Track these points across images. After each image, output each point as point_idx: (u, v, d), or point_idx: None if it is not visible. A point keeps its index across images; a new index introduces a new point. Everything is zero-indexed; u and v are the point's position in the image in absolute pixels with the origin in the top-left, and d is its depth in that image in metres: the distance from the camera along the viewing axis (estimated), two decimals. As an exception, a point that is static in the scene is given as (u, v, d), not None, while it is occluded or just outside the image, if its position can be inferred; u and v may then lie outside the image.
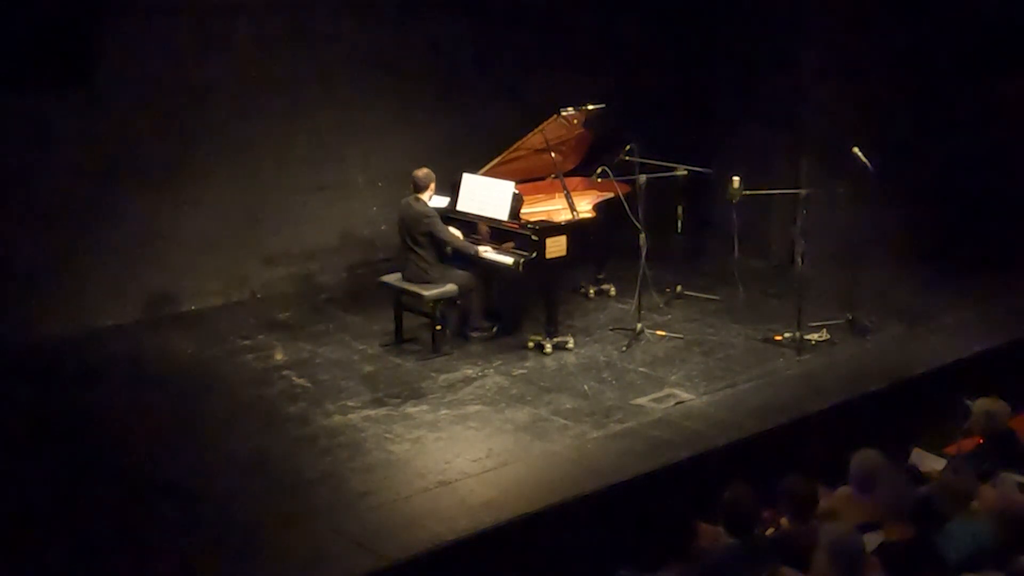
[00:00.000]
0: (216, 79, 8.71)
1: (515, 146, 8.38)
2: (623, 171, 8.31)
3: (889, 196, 8.72)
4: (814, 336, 8.02)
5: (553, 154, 8.34)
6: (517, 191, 8.01)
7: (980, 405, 5.81)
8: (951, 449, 6.08)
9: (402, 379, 7.51)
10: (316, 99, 9.22)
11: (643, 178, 8.11)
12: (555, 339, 7.96)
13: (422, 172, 7.94)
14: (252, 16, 8.82)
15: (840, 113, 9.37)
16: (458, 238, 7.94)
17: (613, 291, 9.17)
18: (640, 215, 8.05)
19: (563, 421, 6.83)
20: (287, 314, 8.81)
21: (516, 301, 8.51)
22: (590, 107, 8.37)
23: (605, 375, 7.56)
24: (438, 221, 7.87)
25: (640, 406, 7.04)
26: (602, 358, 7.85)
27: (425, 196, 7.91)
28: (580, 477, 6.06)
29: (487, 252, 7.95)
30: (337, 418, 6.88)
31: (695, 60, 10.47)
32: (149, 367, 7.76)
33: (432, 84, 9.72)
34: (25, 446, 6.50)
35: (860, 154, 7.99)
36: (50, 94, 7.93)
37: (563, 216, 8.14)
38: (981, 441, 5.84)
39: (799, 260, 8.11)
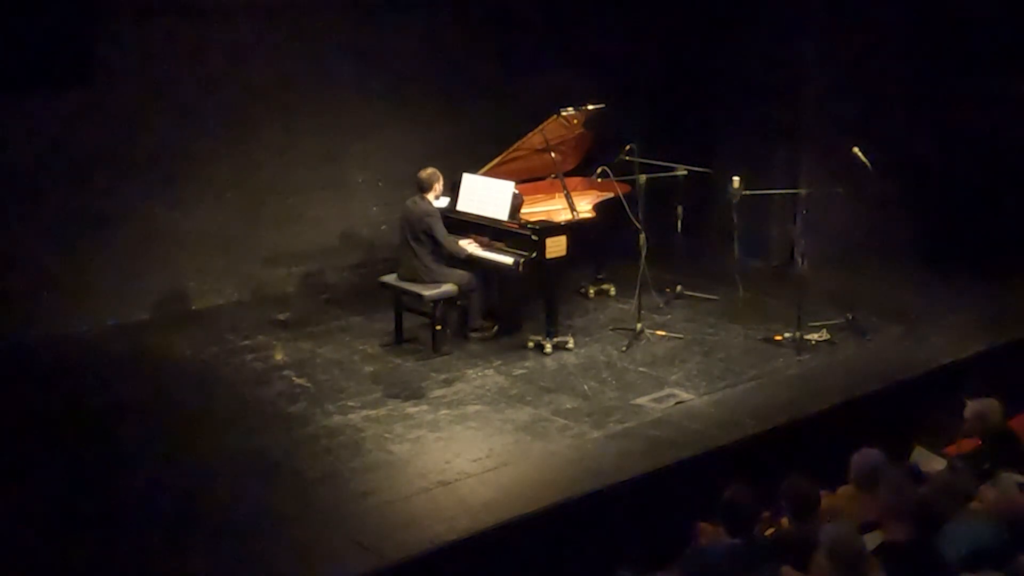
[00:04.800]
0: (216, 79, 8.71)
1: (515, 146, 8.38)
2: (623, 171, 8.32)
3: (889, 196, 8.72)
4: (814, 336, 8.02)
5: (553, 154, 8.34)
6: (517, 191, 8.00)
7: (971, 407, 5.81)
8: (951, 449, 6.08)
9: (402, 379, 7.51)
10: (316, 99, 9.22)
11: (643, 178, 8.11)
12: (555, 339, 7.96)
13: (426, 172, 7.94)
14: (252, 16, 8.81)
15: (840, 113, 9.37)
16: (453, 241, 7.92)
17: (613, 291, 9.17)
18: (640, 215, 8.05)
19: (563, 421, 6.83)
20: (287, 314, 8.81)
21: (516, 301, 8.51)
22: (590, 107, 8.38)
23: (605, 375, 7.56)
24: (438, 220, 7.87)
25: (640, 406, 7.04)
26: (602, 358, 7.85)
27: (430, 196, 7.91)
28: (580, 477, 6.06)
29: (476, 251, 7.93)
30: (337, 418, 6.88)
31: (695, 60, 10.46)
32: (149, 367, 7.76)
33: (432, 84, 9.71)
34: (25, 445, 6.49)
35: (860, 154, 7.99)
36: (52, 94, 7.94)
37: (563, 216, 8.14)
38: (980, 441, 5.84)
39: (799, 260, 8.11)
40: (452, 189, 8.27)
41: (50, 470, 6.22)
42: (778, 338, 8.10)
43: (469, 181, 8.25)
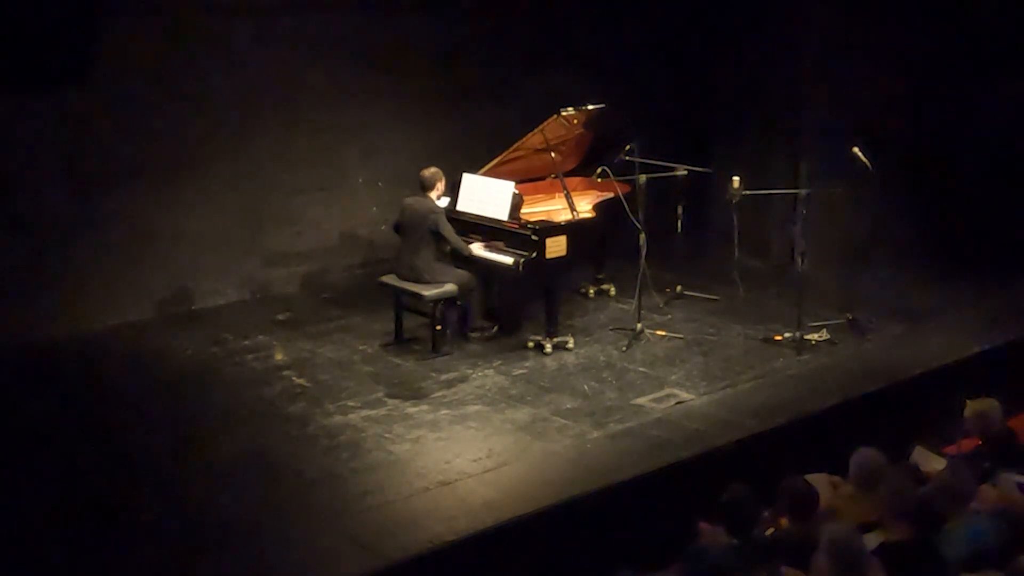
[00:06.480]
0: (216, 79, 8.72)
1: (515, 146, 8.38)
2: (623, 171, 8.32)
3: (889, 196, 8.72)
4: (814, 336, 8.02)
5: (553, 154, 8.34)
6: (517, 191, 8.01)
7: (971, 407, 5.81)
8: (951, 449, 6.08)
9: (402, 379, 7.51)
10: (316, 99, 9.23)
11: (643, 178, 8.12)
12: (555, 339, 7.96)
13: (429, 171, 7.94)
14: (252, 16, 8.82)
15: (840, 113, 9.37)
16: (459, 239, 7.93)
17: (613, 291, 9.17)
18: (640, 215, 8.05)
19: (563, 421, 6.83)
20: (287, 314, 8.81)
21: (516, 301, 8.51)
22: (590, 107, 8.37)
23: (605, 375, 7.56)
24: (444, 218, 7.86)
25: (640, 406, 7.04)
26: (602, 358, 7.85)
27: (433, 195, 7.91)
28: (580, 477, 6.06)
29: (481, 250, 7.93)
30: (337, 418, 6.88)
31: (695, 60, 10.46)
32: (149, 367, 7.76)
33: (432, 84, 9.72)
34: (25, 446, 6.49)
35: (860, 154, 7.99)
36: (51, 94, 7.94)
37: (563, 216, 8.14)
38: (980, 441, 5.84)
39: (799, 260, 8.11)
40: (452, 189, 8.27)
41: (50, 470, 6.22)
42: (778, 338, 8.10)
43: (469, 181, 8.25)
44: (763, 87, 9.88)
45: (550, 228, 7.87)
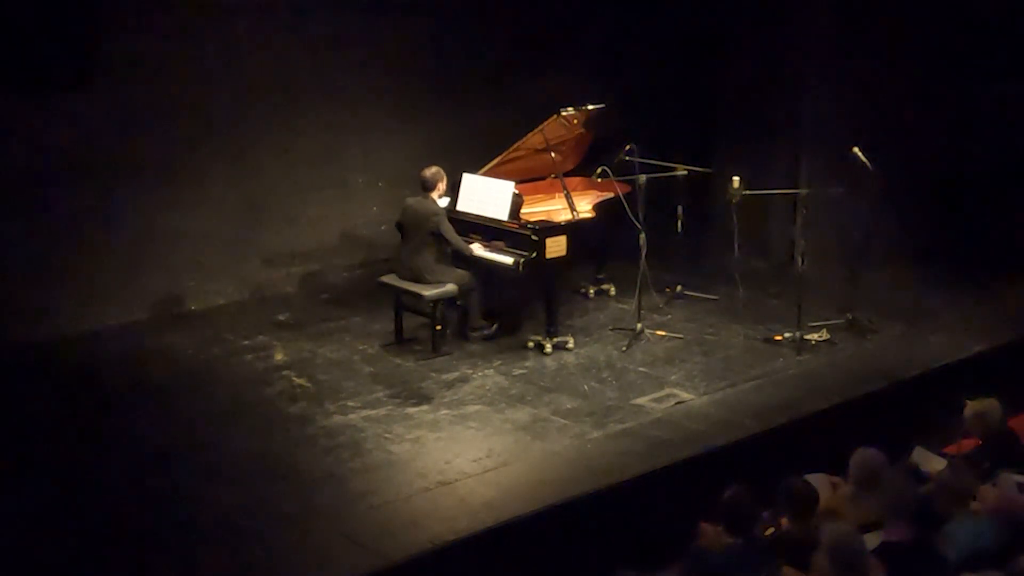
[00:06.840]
0: (216, 79, 8.71)
1: (515, 146, 8.38)
2: (623, 171, 8.32)
3: (889, 196, 8.73)
4: (814, 336, 8.02)
5: (553, 154, 8.34)
6: (517, 191, 8.00)
7: (971, 407, 5.82)
8: (951, 449, 6.09)
9: (402, 379, 7.51)
10: (316, 99, 9.23)
11: (643, 178, 8.11)
12: (555, 339, 7.96)
13: (430, 171, 7.93)
14: (252, 16, 8.82)
15: (840, 113, 9.37)
16: (461, 241, 7.92)
17: (613, 291, 9.17)
18: (640, 215, 8.05)
19: (563, 421, 6.83)
20: (287, 314, 8.81)
21: (516, 301, 8.51)
22: (590, 107, 8.37)
23: (605, 375, 7.56)
24: (446, 220, 7.85)
25: (640, 406, 7.04)
26: (602, 358, 7.85)
27: (435, 195, 7.91)
28: (580, 477, 6.06)
29: (481, 250, 7.93)
30: (337, 418, 6.88)
31: (695, 60, 10.46)
32: (149, 367, 7.76)
33: (432, 84, 9.72)
34: (25, 445, 6.49)
35: (860, 154, 7.99)
36: (50, 94, 7.93)
37: (563, 216, 8.14)
38: (980, 441, 5.85)
39: (799, 260, 8.11)
40: (452, 189, 8.27)
41: (49, 470, 6.22)
42: (778, 338, 8.10)
43: (469, 181, 8.24)
44: (763, 87, 9.88)
45: (550, 228, 7.86)
